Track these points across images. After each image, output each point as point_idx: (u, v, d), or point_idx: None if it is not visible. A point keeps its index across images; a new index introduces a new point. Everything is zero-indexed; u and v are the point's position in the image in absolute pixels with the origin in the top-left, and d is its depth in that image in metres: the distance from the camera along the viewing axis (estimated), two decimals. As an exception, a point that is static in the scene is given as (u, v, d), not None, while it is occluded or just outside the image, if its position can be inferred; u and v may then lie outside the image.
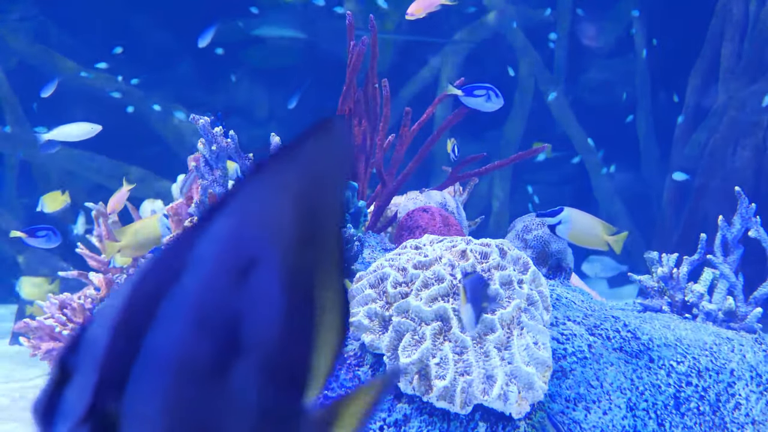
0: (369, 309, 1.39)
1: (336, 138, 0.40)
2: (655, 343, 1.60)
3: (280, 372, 0.40)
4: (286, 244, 0.40)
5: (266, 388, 0.39)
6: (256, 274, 0.39)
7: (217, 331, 0.38)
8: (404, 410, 1.32)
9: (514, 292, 1.40)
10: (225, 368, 0.38)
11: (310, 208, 0.40)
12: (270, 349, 0.39)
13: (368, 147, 2.06)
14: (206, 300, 0.38)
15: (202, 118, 1.82)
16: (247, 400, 0.39)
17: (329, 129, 0.40)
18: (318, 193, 0.41)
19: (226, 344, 0.38)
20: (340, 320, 0.42)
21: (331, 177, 0.41)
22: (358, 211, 1.81)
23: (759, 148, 3.98)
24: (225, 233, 0.39)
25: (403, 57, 5.63)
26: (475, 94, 2.08)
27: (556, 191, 5.83)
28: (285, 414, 0.40)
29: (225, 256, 0.39)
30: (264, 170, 0.40)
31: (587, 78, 5.94)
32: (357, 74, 2.00)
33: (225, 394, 0.38)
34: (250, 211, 0.39)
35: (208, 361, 0.38)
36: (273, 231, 0.40)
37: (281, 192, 0.40)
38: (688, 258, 1.92)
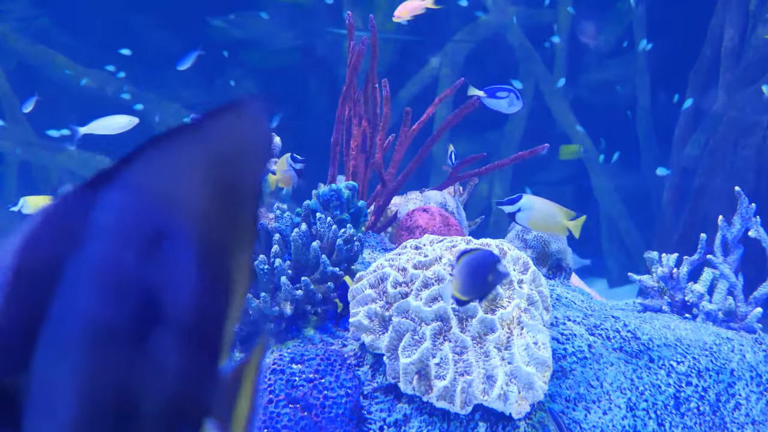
0: (369, 309, 1.39)
1: (250, 119, 0.41)
2: (655, 343, 1.60)
3: (198, 341, 0.41)
4: (198, 219, 0.41)
5: (185, 355, 0.40)
6: (167, 247, 0.40)
7: (130, 298, 0.39)
8: (404, 410, 1.32)
9: (514, 292, 1.40)
10: (142, 336, 0.39)
11: (225, 186, 0.41)
12: (188, 319, 0.40)
13: (368, 147, 2.06)
14: (115, 267, 0.38)
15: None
16: (166, 367, 0.40)
17: (242, 109, 0.41)
18: (233, 172, 0.42)
19: (141, 312, 0.39)
20: (243, 294, 0.44)
21: (246, 157, 0.42)
22: (358, 211, 1.80)
23: (759, 147, 3.98)
24: (123, 204, 0.39)
25: (403, 57, 5.63)
26: (497, 96, 2.10)
27: (556, 191, 5.83)
28: (202, 379, 0.42)
29: (128, 226, 0.39)
30: (165, 145, 0.40)
31: (587, 78, 5.94)
32: (357, 74, 2.00)
33: (143, 362, 0.39)
34: (150, 185, 0.40)
35: (124, 329, 0.38)
36: (181, 205, 0.40)
37: (187, 166, 0.40)
38: (688, 258, 1.92)
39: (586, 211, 1.96)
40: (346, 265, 1.59)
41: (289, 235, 1.57)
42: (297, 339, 1.50)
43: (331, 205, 1.74)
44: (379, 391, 1.36)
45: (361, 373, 1.39)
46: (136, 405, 0.39)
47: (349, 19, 1.99)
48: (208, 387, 0.42)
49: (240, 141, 0.42)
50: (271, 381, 1.31)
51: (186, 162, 0.40)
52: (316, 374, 1.32)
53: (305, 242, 1.54)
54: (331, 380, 1.32)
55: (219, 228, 0.42)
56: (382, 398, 1.35)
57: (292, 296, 1.48)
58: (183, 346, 0.40)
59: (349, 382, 1.33)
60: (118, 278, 0.38)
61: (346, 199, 1.75)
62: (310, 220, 1.66)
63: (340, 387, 1.31)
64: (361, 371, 1.39)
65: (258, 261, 1.47)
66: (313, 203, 1.73)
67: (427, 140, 2.05)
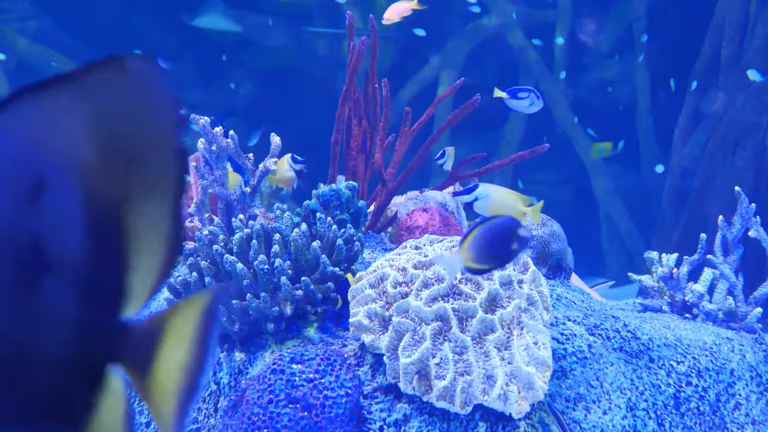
0: (369, 309, 1.39)
1: (136, 74, 0.42)
2: (655, 343, 1.60)
3: (92, 289, 0.41)
4: (83, 169, 0.41)
5: (78, 304, 0.40)
6: (48, 195, 0.40)
7: (12, 246, 0.38)
8: (404, 410, 1.32)
9: (514, 292, 1.40)
10: (30, 284, 0.39)
11: (117, 138, 0.41)
12: (78, 268, 0.40)
13: (368, 147, 2.06)
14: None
15: (202, 118, 1.82)
16: (57, 315, 0.40)
17: (122, 65, 0.42)
18: (126, 125, 0.42)
19: (25, 260, 0.39)
20: (164, 246, 0.44)
21: (141, 112, 0.42)
22: (358, 211, 1.80)
23: (759, 148, 3.98)
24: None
25: (403, 57, 5.63)
26: (519, 97, 2.15)
27: (556, 191, 5.83)
28: (99, 328, 0.42)
29: (3, 175, 0.39)
30: (40, 94, 0.40)
31: (587, 78, 5.94)
32: (357, 74, 2.00)
33: (32, 310, 0.39)
34: (26, 132, 0.40)
35: (8, 278, 0.38)
36: (62, 154, 0.40)
37: (66, 116, 0.40)
38: (688, 258, 1.92)
39: (586, 211, 1.96)
40: (346, 265, 1.59)
41: (289, 235, 1.57)
42: (297, 339, 1.50)
43: (331, 205, 1.74)
44: (379, 391, 1.36)
45: (361, 373, 1.39)
46: (28, 353, 0.39)
47: (349, 19, 1.99)
48: (106, 335, 0.42)
49: (128, 96, 0.42)
50: (271, 381, 1.31)
51: (64, 111, 0.40)
52: (316, 374, 1.32)
53: (305, 242, 1.54)
54: (331, 380, 1.32)
55: (111, 180, 0.41)
56: (382, 398, 1.35)
57: (292, 296, 1.48)
58: (72, 294, 0.40)
59: (349, 382, 1.33)
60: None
61: (346, 199, 1.75)
62: (310, 220, 1.66)
63: (340, 387, 1.31)
64: (361, 371, 1.39)
65: (258, 261, 1.47)
66: (313, 203, 1.73)
67: (427, 140, 2.05)
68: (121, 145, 0.42)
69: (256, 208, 1.88)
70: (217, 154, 1.83)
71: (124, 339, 0.43)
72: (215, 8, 5.67)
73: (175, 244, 0.44)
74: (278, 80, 5.91)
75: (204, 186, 1.85)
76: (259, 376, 1.34)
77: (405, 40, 5.71)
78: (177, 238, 0.44)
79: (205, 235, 1.60)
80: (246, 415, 1.29)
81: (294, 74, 5.92)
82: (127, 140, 0.42)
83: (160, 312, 0.45)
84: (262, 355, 1.49)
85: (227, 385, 1.49)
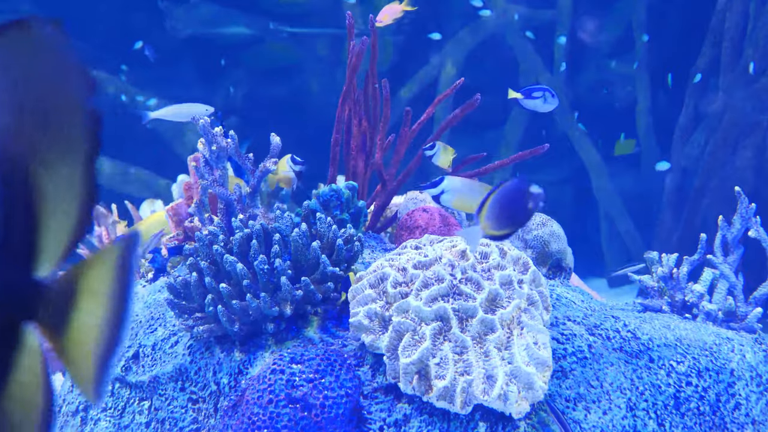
0: (369, 309, 1.39)
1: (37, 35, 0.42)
2: (655, 343, 1.60)
3: (2, 248, 0.42)
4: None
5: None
6: None
7: None
8: (404, 410, 1.32)
9: (514, 292, 1.40)
10: None
11: (20, 97, 0.41)
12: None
13: (368, 147, 2.06)
14: None
15: (202, 118, 1.82)
16: None
17: (21, 27, 0.42)
18: (29, 84, 0.42)
19: None
20: (78, 207, 0.44)
21: (43, 75, 0.42)
22: (358, 211, 1.80)
23: (759, 148, 3.98)
24: None
25: (404, 57, 5.63)
26: (533, 96, 2.17)
27: (556, 191, 5.83)
28: (11, 286, 0.42)
29: None
30: None
31: (587, 78, 5.94)
32: (357, 74, 2.00)
33: None
34: None
35: None
36: None
37: None
38: (688, 258, 1.92)
39: (586, 211, 1.96)
40: (346, 265, 1.59)
41: (289, 235, 1.57)
42: (297, 339, 1.50)
43: (331, 205, 1.74)
44: (379, 391, 1.36)
45: (361, 373, 1.39)
46: None
47: (349, 19, 1.99)
48: (18, 294, 0.42)
49: (34, 58, 0.41)
50: (271, 381, 1.31)
51: None
52: (316, 374, 1.32)
53: (305, 242, 1.54)
54: (331, 380, 1.32)
55: (20, 141, 0.41)
56: (382, 398, 1.35)
57: (292, 296, 1.48)
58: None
59: (349, 382, 1.33)
60: None
61: (346, 199, 1.75)
62: (310, 220, 1.66)
63: (340, 387, 1.31)
64: (361, 371, 1.39)
65: (258, 261, 1.47)
66: (313, 203, 1.73)
67: (427, 140, 2.05)
68: (28, 107, 0.42)
69: (256, 208, 1.88)
70: (217, 154, 1.83)
71: (38, 297, 0.43)
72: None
73: (89, 205, 0.44)
74: (278, 80, 5.91)
75: (204, 186, 1.85)
76: (259, 376, 1.34)
77: (405, 40, 5.71)
78: (90, 199, 0.44)
79: (205, 235, 1.60)
80: (246, 415, 1.29)
81: (294, 74, 5.91)
82: (34, 102, 0.42)
83: (73, 268, 0.45)
84: (262, 355, 1.49)
85: (227, 385, 1.49)
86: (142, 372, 1.68)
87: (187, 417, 1.54)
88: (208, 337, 1.56)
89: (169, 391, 1.60)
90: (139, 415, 1.65)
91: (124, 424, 1.69)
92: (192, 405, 1.55)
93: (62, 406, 1.94)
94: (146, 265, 2.03)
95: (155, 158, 5.26)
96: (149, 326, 1.74)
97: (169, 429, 1.57)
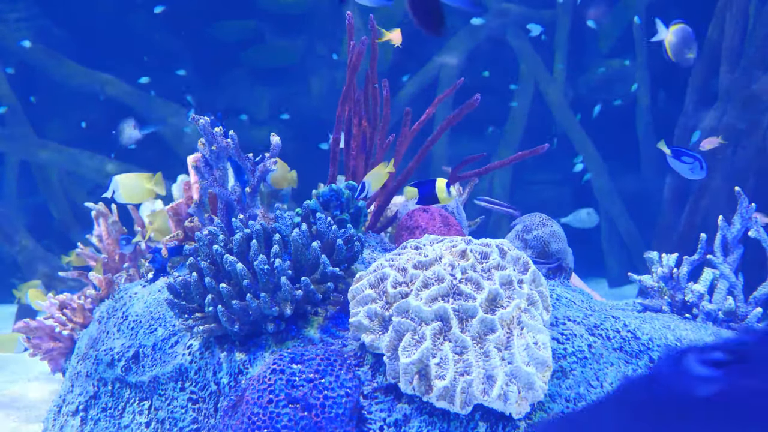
0: (369, 309, 1.39)
1: None
2: (655, 344, 1.60)
3: None
4: None
5: None
6: None
7: None
8: (404, 410, 1.32)
9: (514, 292, 1.40)
10: None
11: None
12: None
13: (368, 147, 2.06)
14: None
15: (202, 118, 1.82)
16: None
17: None
18: None
19: None
20: None
21: None
22: (358, 211, 1.80)
23: (759, 147, 3.98)
24: None
25: (404, 56, 5.63)
26: (682, 159, 2.23)
27: (557, 191, 5.82)
28: None
29: None
30: None
31: (587, 78, 5.94)
32: (357, 74, 2.00)
33: None
34: None
35: None
36: None
37: None
38: (688, 258, 1.92)
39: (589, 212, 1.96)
40: (346, 265, 1.59)
41: (289, 235, 1.57)
42: (297, 339, 1.50)
43: (331, 205, 1.74)
44: (379, 391, 1.36)
45: (361, 373, 1.39)
46: None
47: (349, 20, 1.99)
48: None
49: None
50: (271, 381, 1.31)
51: None
52: (316, 374, 1.32)
53: (305, 242, 1.54)
54: (331, 380, 1.32)
55: None
56: (382, 398, 1.35)
57: (292, 296, 1.48)
58: None
59: (349, 382, 1.33)
60: None
61: (346, 199, 1.75)
62: (310, 220, 1.66)
63: (340, 387, 1.31)
64: (361, 371, 1.39)
65: (258, 261, 1.47)
66: (313, 203, 1.73)
67: (428, 140, 2.05)
68: None
69: (256, 208, 1.88)
70: (217, 154, 1.83)
71: None
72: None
73: None
74: (279, 80, 5.90)
75: (204, 186, 1.85)
76: (259, 376, 1.34)
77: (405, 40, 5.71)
78: None
79: (205, 235, 1.60)
80: (246, 415, 1.29)
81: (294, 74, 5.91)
82: None
83: None
84: (262, 355, 1.49)
85: (227, 385, 1.49)
86: (142, 372, 1.68)
87: (187, 417, 1.54)
88: (208, 337, 1.56)
89: (169, 391, 1.60)
90: (139, 415, 1.65)
91: (124, 424, 1.69)
92: (192, 405, 1.55)
93: (62, 406, 1.94)
94: (146, 265, 2.03)
95: (155, 158, 5.26)
96: (149, 326, 1.74)
97: (169, 429, 1.57)
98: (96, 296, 2.25)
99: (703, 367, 0.35)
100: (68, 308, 2.28)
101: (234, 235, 1.58)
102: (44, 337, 2.30)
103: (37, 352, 2.31)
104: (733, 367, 0.35)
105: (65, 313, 2.27)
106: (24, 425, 2.53)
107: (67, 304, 2.29)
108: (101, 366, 1.81)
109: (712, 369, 0.35)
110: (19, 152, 5.25)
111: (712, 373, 0.35)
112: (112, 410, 1.74)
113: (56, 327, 2.25)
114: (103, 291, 2.23)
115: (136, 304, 1.85)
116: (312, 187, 1.82)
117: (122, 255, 2.28)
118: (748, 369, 0.35)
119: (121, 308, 1.88)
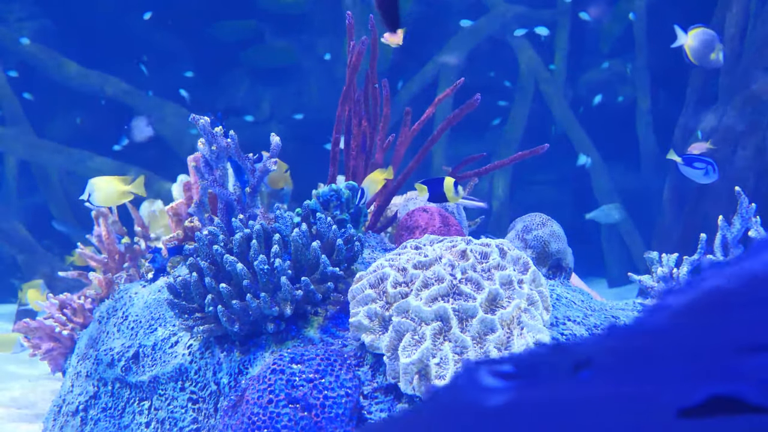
0: (369, 309, 1.39)
1: None
2: (655, 343, 1.60)
3: None
4: None
5: None
6: None
7: None
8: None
9: (514, 292, 1.40)
10: None
11: None
12: None
13: (368, 147, 2.06)
14: None
15: (202, 118, 1.82)
16: None
17: None
18: None
19: None
20: None
21: None
22: (358, 211, 1.80)
23: (759, 148, 3.98)
24: None
25: (404, 56, 5.63)
26: (694, 166, 2.26)
27: (557, 191, 5.82)
28: None
29: None
30: None
31: (587, 78, 5.93)
32: (357, 74, 2.00)
33: None
34: None
35: None
36: None
37: None
38: (688, 258, 1.92)
39: (586, 211, 1.96)
40: (346, 265, 1.59)
41: (289, 235, 1.57)
42: (297, 339, 1.50)
43: (331, 205, 1.74)
44: (379, 391, 1.36)
45: (361, 373, 1.39)
46: None
47: (349, 19, 1.99)
48: None
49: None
50: (271, 381, 1.31)
51: None
52: (316, 374, 1.32)
53: (305, 242, 1.54)
54: (331, 380, 1.31)
55: None
56: (382, 398, 1.35)
57: (292, 296, 1.48)
58: None
59: (349, 382, 1.33)
60: None
61: (346, 199, 1.75)
62: (310, 220, 1.66)
63: (340, 387, 1.31)
64: (361, 371, 1.39)
65: (258, 261, 1.47)
66: (313, 203, 1.73)
67: (427, 140, 2.05)
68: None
69: (256, 208, 1.88)
70: (217, 154, 1.83)
71: None
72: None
73: None
74: (278, 80, 5.90)
75: (204, 186, 1.85)
76: (259, 376, 1.34)
77: (405, 40, 5.71)
78: None
79: (205, 236, 1.60)
80: (246, 415, 1.29)
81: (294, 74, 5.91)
82: None
83: None
84: (262, 355, 1.49)
85: (227, 385, 1.49)
86: (142, 372, 1.68)
87: (187, 417, 1.54)
88: (208, 337, 1.56)
89: (169, 391, 1.60)
90: (139, 415, 1.65)
91: (124, 424, 1.69)
92: (192, 405, 1.55)
93: (62, 406, 1.94)
94: (146, 265, 2.03)
95: (155, 158, 5.25)
96: (149, 326, 1.74)
97: (169, 429, 1.57)
98: (96, 296, 2.25)
99: (493, 378, 0.34)
100: (68, 308, 2.28)
101: (234, 235, 1.58)
102: (44, 337, 2.30)
103: (36, 352, 2.32)
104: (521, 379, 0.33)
105: (65, 313, 2.27)
106: (24, 425, 2.53)
107: (67, 304, 2.29)
108: (101, 366, 1.81)
109: (501, 380, 0.34)
110: (19, 152, 5.25)
111: (500, 384, 0.33)
112: (112, 410, 1.74)
113: (56, 327, 2.25)
114: (104, 291, 2.23)
115: (136, 304, 1.85)
116: (312, 187, 1.82)
117: (122, 255, 2.28)
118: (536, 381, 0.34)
119: (121, 308, 1.88)
